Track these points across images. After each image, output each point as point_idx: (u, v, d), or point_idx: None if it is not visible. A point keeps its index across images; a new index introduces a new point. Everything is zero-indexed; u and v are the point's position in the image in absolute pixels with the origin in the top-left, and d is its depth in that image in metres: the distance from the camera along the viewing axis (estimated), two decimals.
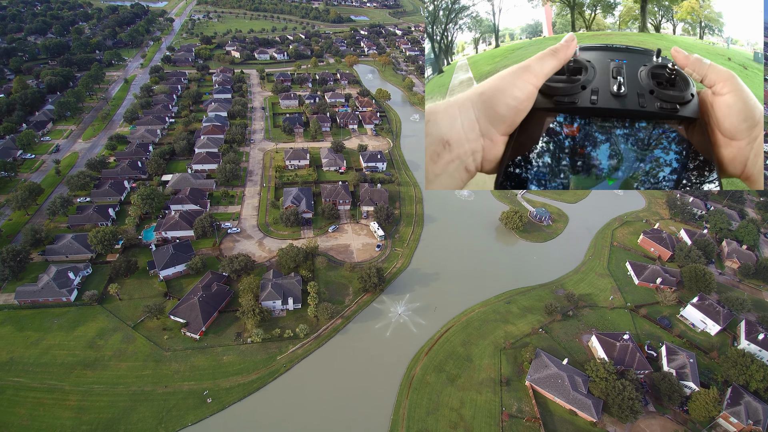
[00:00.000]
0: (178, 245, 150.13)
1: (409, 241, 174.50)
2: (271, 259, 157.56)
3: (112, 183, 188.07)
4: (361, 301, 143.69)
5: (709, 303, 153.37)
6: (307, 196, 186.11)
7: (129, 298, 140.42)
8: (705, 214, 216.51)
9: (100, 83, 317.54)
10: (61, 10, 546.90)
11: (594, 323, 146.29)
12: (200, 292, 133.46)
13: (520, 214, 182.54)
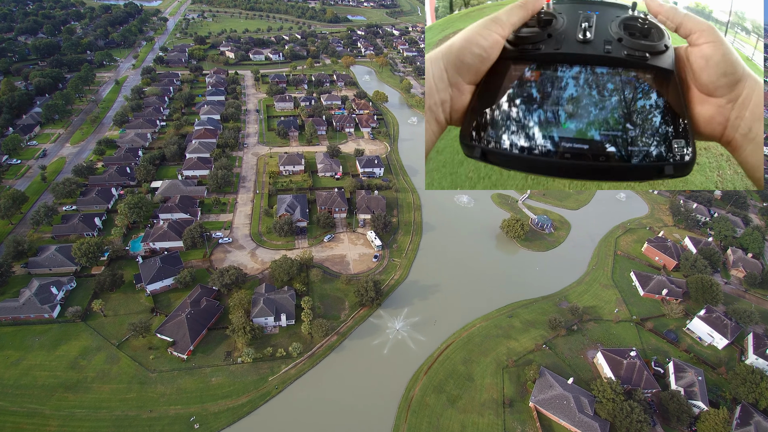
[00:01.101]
0: (166, 257, 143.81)
1: (407, 251, 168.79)
2: (264, 271, 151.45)
3: (99, 190, 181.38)
4: (358, 316, 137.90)
5: (717, 316, 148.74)
6: (302, 204, 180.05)
7: (114, 314, 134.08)
8: (709, 221, 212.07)
9: (90, 85, 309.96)
10: (53, 9, 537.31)
11: (599, 338, 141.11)
12: (188, 309, 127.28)
13: (522, 222, 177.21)
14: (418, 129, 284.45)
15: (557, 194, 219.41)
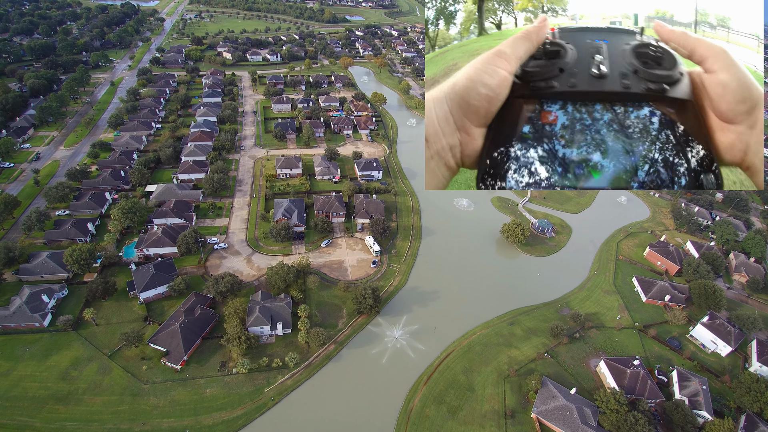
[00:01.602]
0: (159, 264, 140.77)
1: (406, 257, 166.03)
2: (260, 277, 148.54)
3: (92, 195, 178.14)
4: (356, 324, 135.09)
5: (720, 322, 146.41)
6: (299, 208, 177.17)
7: (106, 323, 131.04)
8: (711, 225, 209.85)
9: (85, 86, 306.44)
10: (50, 10, 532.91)
11: (602, 346, 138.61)
12: (182, 317, 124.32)
13: (522, 226, 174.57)
14: (417, 131, 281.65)
15: (558, 198, 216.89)
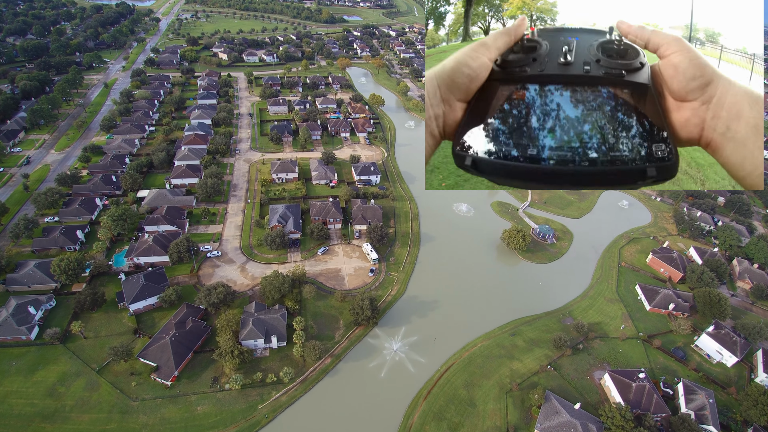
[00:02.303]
0: (150, 274, 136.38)
1: (404, 265, 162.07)
2: (254, 287, 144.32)
3: (82, 201, 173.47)
4: (353, 336, 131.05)
5: (725, 332, 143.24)
6: (295, 215, 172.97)
7: (95, 335, 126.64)
8: (714, 230, 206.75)
9: (78, 88, 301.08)
10: (44, 10, 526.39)
11: (606, 357, 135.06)
12: (173, 330, 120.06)
13: (523, 232, 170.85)
14: (416, 133, 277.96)
15: (559, 202, 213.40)
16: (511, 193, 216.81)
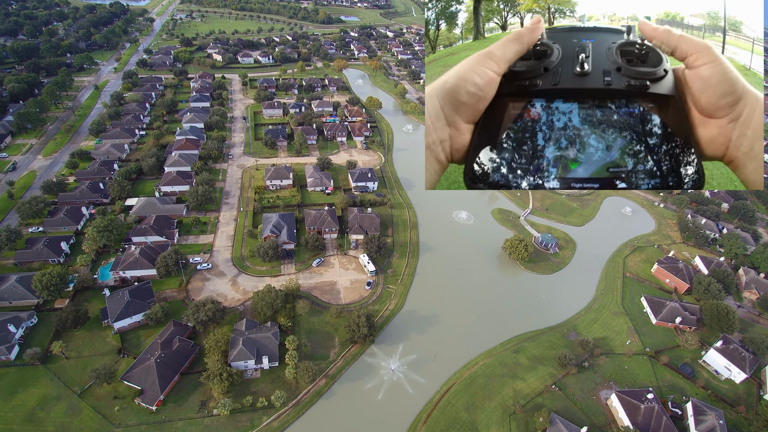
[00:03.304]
0: (135, 290, 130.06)
1: (403, 277, 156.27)
2: (246, 302, 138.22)
3: (68, 210, 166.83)
4: (349, 355, 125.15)
5: (734, 347, 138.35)
6: (289, 224, 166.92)
7: (77, 355, 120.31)
8: (719, 238, 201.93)
9: (67, 90, 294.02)
10: (36, 10, 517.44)
11: (612, 375, 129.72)
12: (159, 351, 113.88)
13: (526, 242, 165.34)
14: (414, 137, 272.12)
15: (561, 209, 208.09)
16: (512, 200, 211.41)
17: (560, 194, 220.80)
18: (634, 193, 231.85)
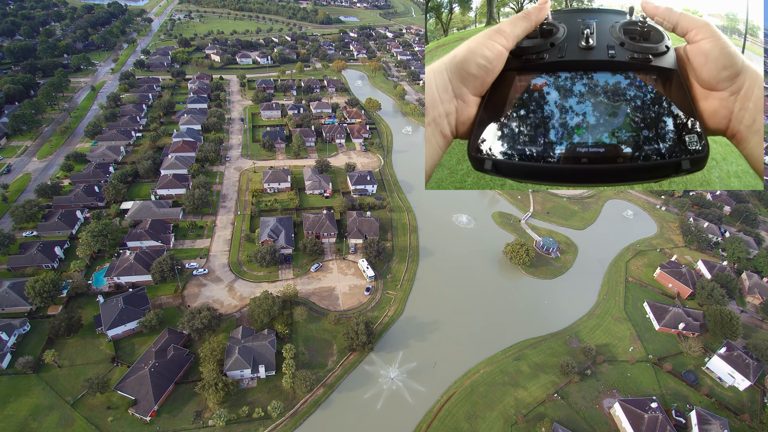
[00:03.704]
0: (129, 297, 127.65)
1: (402, 282, 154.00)
2: (242, 308, 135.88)
3: (62, 214, 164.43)
4: (347, 363, 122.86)
5: (738, 354, 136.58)
6: (287, 228, 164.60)
7: (70, 364, 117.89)
8: (721, 242, 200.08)
9: (63, 91, 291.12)
10: (34, 10, 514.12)
11: (615, 383, 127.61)
12: (153, 360, 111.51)
13: (527, 247, 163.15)
14: (414, 139, 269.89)
15: (562, 213, 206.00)
16: (513, 203, 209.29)
17: (561, 197, 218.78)
18: (636, 196, 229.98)
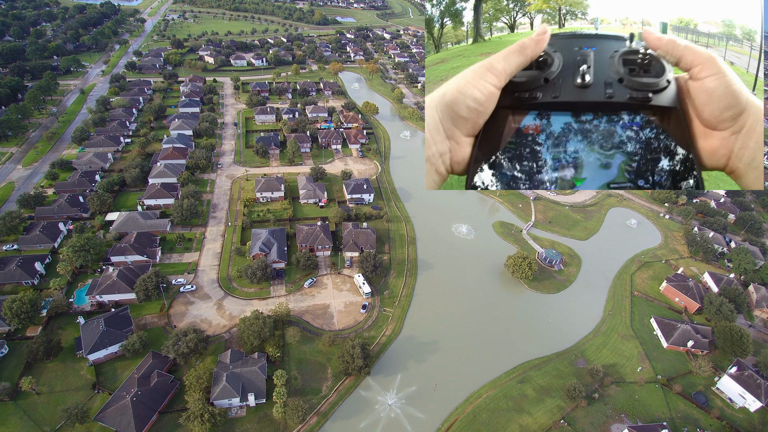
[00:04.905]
0: (111, 318, 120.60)
1: (400, 298, 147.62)
2: (232, 328, 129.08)
3: (44, 226, 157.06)
4: (342, 388, 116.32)
5: (749, 374, 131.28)
6: (280, 241, 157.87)
7: (49, 390, 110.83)
8: (727, 252, 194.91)
9: (52, 95, 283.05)
10: (25, 10, 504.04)
11: (623, 406, 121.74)
12: (135, 388, 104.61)
13: (530, 260, 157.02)
14: (412, 144, 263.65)
15: (564, 222, 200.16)
16: (514, 212, 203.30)
17: (563, 205, 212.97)
18: (639, 204, 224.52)
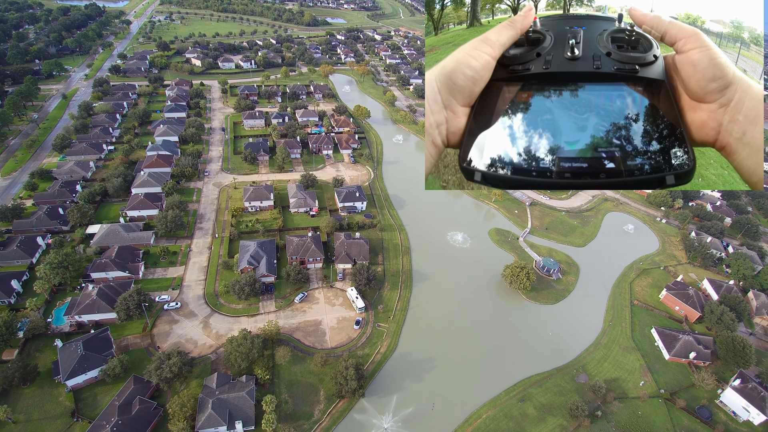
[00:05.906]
0: (90, 340, 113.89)
1: (395, 312, 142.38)
2: (219, 348, 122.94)
3: (22, 240, 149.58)
4: (335, 412, 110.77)
5: (752, 386, 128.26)
6: (269, 253, 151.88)
7: (26, 419, 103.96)
8: (725, 257, 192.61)
9: (33, 100, 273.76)
10: (8, 12, 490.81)
11: (627, 424, 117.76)
12: (115, 417, 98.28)
13: (527, 270, 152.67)
14: (405, 149, 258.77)
15: (561, 228, 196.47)
16: (510, 218, 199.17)
17: (560, 211, 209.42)
18: (636, 208, 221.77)
